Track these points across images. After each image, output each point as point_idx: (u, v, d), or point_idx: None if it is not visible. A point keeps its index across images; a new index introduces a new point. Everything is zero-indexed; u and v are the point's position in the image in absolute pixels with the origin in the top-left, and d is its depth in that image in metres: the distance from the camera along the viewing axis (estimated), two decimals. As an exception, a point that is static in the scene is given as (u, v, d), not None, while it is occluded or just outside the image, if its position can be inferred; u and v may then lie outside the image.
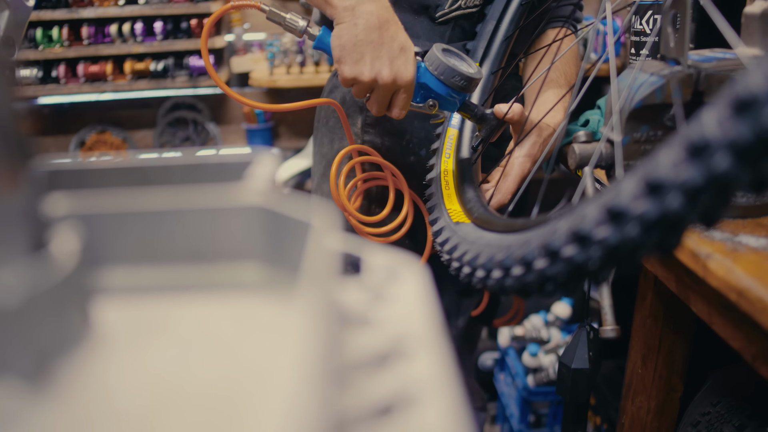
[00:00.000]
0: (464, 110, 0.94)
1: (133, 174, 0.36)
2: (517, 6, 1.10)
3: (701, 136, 0.38)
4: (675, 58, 0.77)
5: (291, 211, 0.28)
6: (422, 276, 0.30)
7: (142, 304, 0.28)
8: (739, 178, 0.38)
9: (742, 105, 0.36)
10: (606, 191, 0.48)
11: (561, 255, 0.50)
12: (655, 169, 0.41)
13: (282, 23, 0.90)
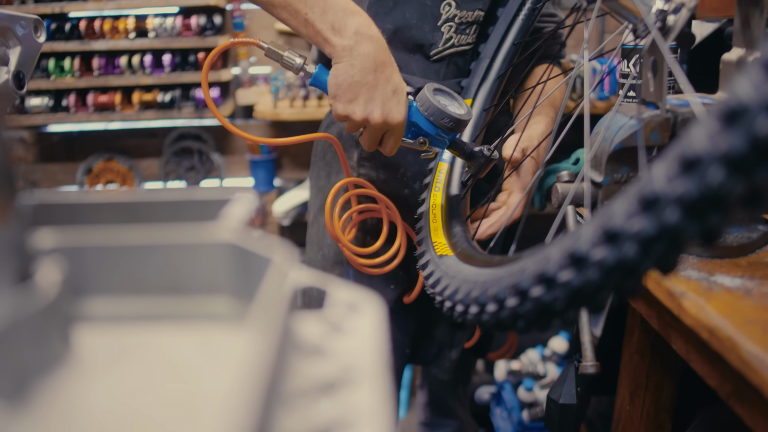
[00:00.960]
0: (454, 148, 0.97)
1: (119, 208, 0.39)
2: (510, 45, 1.14)
3: (652, 191, 0.41)
4: (654, 102, 0.80)
5: (259, 248, 0.31)
6: (379, 311, 0.32)
7: (119, 332, 0.31)
8: (688, 230, 0.41)
9: (687, 163, 0.39)
10: (569, 235, 0.50)
11: (529, 295, 0.52)
12: (612, 218, 0.44)
13: (279, 60, 0.94)
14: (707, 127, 0.38)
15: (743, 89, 0.37)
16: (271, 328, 0.24)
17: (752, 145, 0.36)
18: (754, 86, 0.36)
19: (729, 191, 0.38)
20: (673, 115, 0.76)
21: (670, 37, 0.74)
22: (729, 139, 0.37)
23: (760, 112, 0.36)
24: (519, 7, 1.13)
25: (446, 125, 0.90)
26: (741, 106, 0.37)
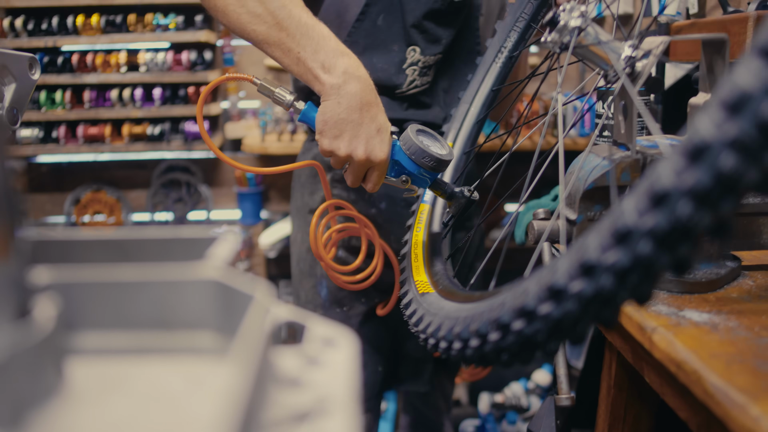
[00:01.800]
0: (435, 187, 1.00)
1: (109, 245, 0.41)
2: (487, 91, 1.19)
3: (624, 225, 0.44)
4: (624, 143, 0.84)
5: (242, 286, 0.33)
6: (354, 346, 0.35)
7: (109, 364, 0.33)
8: (660, 261, 0.43)
9: (657, 198, 0.42)
10: (546, 269, 0.53)
11: (511, 328, 0.54)
12: (588, 251, 0.46)
13: (271, 96, 0.97)
14: (674, 163, 0.41)
15: (705, 127, 0.40)
16: (251, 361, 0.26)
17: (716, 179, 0.39)
18: (714, 125, 0.39)
19: (697, 223, 0.41)
20: (643, 156, 0.80)
21: (639, 83, 0.78)
22: (694, 174, 0.40)
23: (722, 149, 0.39)
24: (496, 55, 1.18)
25: (428, 164, 0.93)
26: (704, 144, 0.40)
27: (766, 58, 0.39)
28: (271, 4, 0.92)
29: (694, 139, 0.40)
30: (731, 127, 0.39)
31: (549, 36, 0.79)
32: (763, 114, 0.38)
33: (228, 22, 0.96)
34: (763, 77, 0.38)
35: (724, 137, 0.39)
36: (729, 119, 0.39)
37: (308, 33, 0.93)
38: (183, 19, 2.41)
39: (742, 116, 0.39)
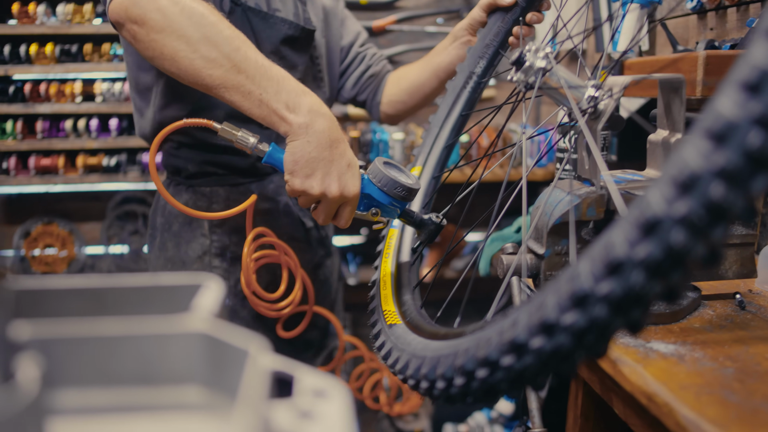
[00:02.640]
0: (404, 217, 1.00)
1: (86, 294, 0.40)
2: (457, 116, 1.20)
3: (581, 289, 0.45)
4: (589, 179, 0.86)
5: (231, 338, 0.32)
6: (346, 396, 0.34)
7: (92, 424, 0.32)
8: (614, 324, 0.45)
9: (612, 266, 0.43)
10: (506, 320, 0.54)
11: (475, 376, 0.56)
12: (547, 311, 0.48)
13: (233, 140, 0.96)
14: (628, 234, 0.43)
15: (656, 202, 0.42)
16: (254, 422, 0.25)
17: (666, 252, 0.41)
18: (665, 200, 0.41)
19: (649, 291, 0.43)
20: (607, 192, 0.82)
21: (602, 121, 0.80)
22: (647, 247, 0.42)
23: (673, 225, 0.41)
24: (465, 81, 1.20)
25: (399, 194, 0.94)
26: (656, 219, 0.41)
27: (714, 139, 0.40)
28: (225, 47, 0.90)
29: (646, 213, 0.42)
30: (681, 205, 0.41)
31: (515, 75, 0.82)
32: (711, 195, 0.40)
33: (178, 69, 0.92)
34: (709, 159, 0.40)
35: (676, 213, 0.41)
36: (679, 196, 0.41)
37: (267, 74, 0.92)
38: (141, 50, 2.38)
39: (691, 195, 0.41)
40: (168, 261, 1.30)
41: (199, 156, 1.28)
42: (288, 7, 1.32)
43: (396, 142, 2.36)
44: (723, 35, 1.30)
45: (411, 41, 2.66)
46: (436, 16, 2.67)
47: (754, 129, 0.39)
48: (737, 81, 0.40)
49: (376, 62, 1.55)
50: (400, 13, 2.63)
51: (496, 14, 1.20)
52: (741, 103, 0.39)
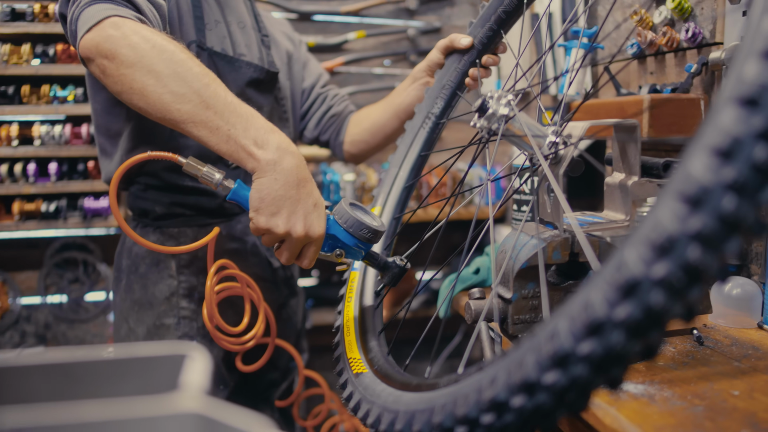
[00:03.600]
0: (368, 259, 0.99)
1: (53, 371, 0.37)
2: (416, 156, 1.21)
3: (563, 348, 0.45)
4: (551, 222, 0.87)
5: (232, 419, 0.30)
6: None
7: None
8: (595, 382, 0.45)
9: (593, 327, 0.44)
10: (484, 376, 0.54)
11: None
12: (528, 370, 0.47)
13: (198, 175, 0.94)
14: (607, 295, 0.44)
15: (634, 263, 0.43)
16: None
17: (646, 313, 0.42)
18: (643, 261, 0.42)
19: (629, 351, 0.44)
20: (571, 235, 0.84)
21: (563, 166, 0.82)
22: (627, 309, 0.42)
23: (652, 286, 0.42)
24: (423, 121, 1.22)
25: (365, 236, 0.93)
26: (635, 280, 0.42)
27: (690, 203, 0.42)
28: (194, 83, 0.91)
29: (625, 273, 0.43)
30: (660, 267, 0.42)
31: (478, 122, 0.83)
32: (688, 257, 0.41)
33: (147, 103, 0.93)
34: (686, 223, 0.41)
35: (653, 275, 0.42)
36: (657, 258, 0.42)
37: (236, 111, 0.92)
38: (82, 92, 2.31)
39: (669, 257, 0.42)
40: (135, 303, 1.29)
41: (166, 197, 1.28)
42: (253, 51, 1.35)
43: (347, 183, 2.36)
44: (663, 79, 1.36)
45: (359, 83, 2.68)
46: (383, 58, 2.71)
47: (727, 194, 0.40)
48: (708, 146, 0.41)
49: (337, 102, 1.58)
50: (348, 55, 2.66)
51: (453, 56, 1.23)
52: (714, 168, 0.41)
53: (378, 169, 2.56)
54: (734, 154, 0.40)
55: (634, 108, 1.24)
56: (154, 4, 1.06)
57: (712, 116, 0.43)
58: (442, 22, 2.76)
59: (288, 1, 2.59)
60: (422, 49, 2.73)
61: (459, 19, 2.80)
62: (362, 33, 2.64)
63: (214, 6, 1.31)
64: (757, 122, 0.40)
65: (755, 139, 0.40)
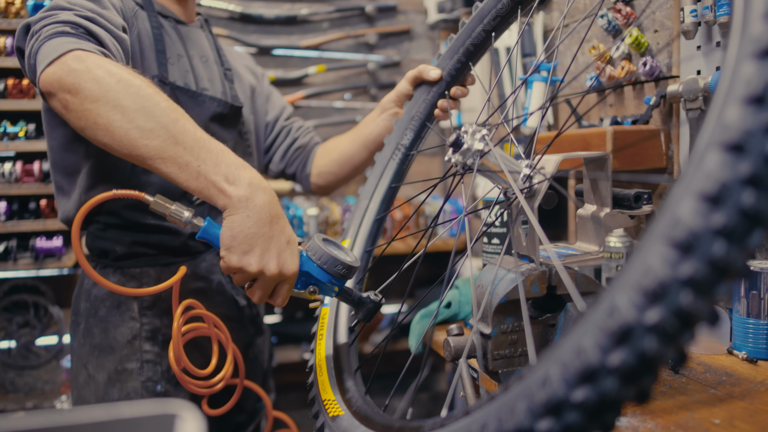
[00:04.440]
0: (342, 295, 0.97)
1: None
2: (386, 188, 1.20)
3: (555, 395, 0.45)
4: (527, 255, 0.87)
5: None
6: None
7: None
8: (588, 427, 0.45)
9: (586, 375, 0.43)
10: (472, 421, 0.53)
11: None
12: (520, 418, 0.46)
13: (167, 213, 0.91)
14: (600, 341, 0.43)
15: (627, 309, 0.42)
16: None
17: (640, 360, 0.42)
18: (636, 308, 0.42)
19: (622, 396, 0.43)
20: (548, 268, 0.84)
21: (538, 199, 0.82)
22: (621, 355, 0.42)
23: (645, 333, 0.41)
24: (393, 152, 1.21)
25: (339, 272, 0.91)
26: (628, 326, 0.42)
27: (680, 248, 0.42)
28: (163, 118, 0.88)
29: (618, 320, 0.43)
30: (653, 313, 0.42)
31: (453, 157, 0.82)
32: (681, 303, 0.41)
33: (112, 139, 0.90)
34: (677, 269, 0.41)
35: (647, 321, 0.42)
36: (649, 304, 0.42)
37: (206, 146, 0.90)
38: (34, 128, 2.24)
39: (662, 303, 0.42)
40: (94, 348, 1.23)
41: (128, 237, 1.24)
42: (216, 86, 1.34)
43: (310, 217, 2.33)
44: (622, 111, 1.40)
45: (319, 116, 2.69)
46: (344, 91, 2.73)
47: (717, 240, 0.40)
48: (696, 191, 0.42)
49: (303, 134, 1.57)
50: (308, 89, 2.66)
51: (421, 87, 1.23)
52: (703, 214, 0.41)
53: (341, 203, 2.54)
54: (723, 199, 0.40)
55: (597, 140, 1.27)
56: (117, 38, 1.04)
57: (696, 159, 0.43)
58: (401, 56, 2.80)
59: (248, 35, 2.59)
60: (382, 82, 2.75)
61: (418, 53, 2.85)
62: (322, 67, 2.65)
63: (177, 40, 1.29)
64: (744, 168, 0.40)
65: (743, 185, 0.40)
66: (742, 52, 0.42)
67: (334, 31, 2.71)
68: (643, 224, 0.93)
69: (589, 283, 0.86)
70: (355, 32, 2.70)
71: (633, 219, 0.92)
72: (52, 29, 0.95)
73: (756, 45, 0.41)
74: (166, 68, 1.22)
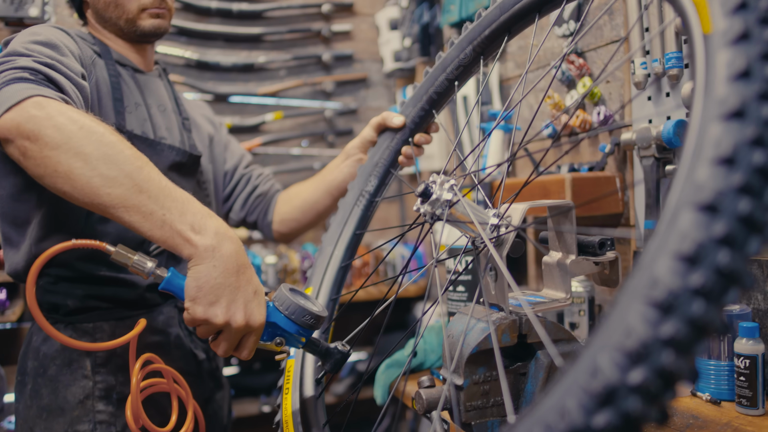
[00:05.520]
0: (309, 346, 0.95)
1: None
2: (351, 235, 1.19)
3: None
4: (497, 304, 0.87)
5: None
6: None
7: None
8: None
9: None
10: None
11: None
12: None
13: (128, 264, 0.88)
14: (584, 402, 0.43)
15: (610, 370, 0.43)
16: None
17: (624, 420, 0.42)
18: (619, 368, 0.42)
19: None
20: (518, 317, 0.84)
21: (506, 248, 0.83)
22: (605, 417, 0.42)
23: (629, 393, 0.42)
24: (357, 199, 1.21)
25: (307, 322, 0.89)
26: (612, 387, 0.42)
27: (660, 309, 0.43)
28: (126, 166, 0.86)
29: (601, 380, 0.43)
30: (636, 374, 0.42)
31: (422, 207, 0.83)
32: (663, 363, 0.41)
33: (73, 187, 0.86)
34: (658, 328, 0.42)
35: (630, 382, 0.42)
36: (632, 365, 0.43)
37: (171, 195, 0.88)
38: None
39: (645, 363, 0.42)
40: (42, 410, 1.16)
41: (80, 289, 1.19)
42: (174, 135, 1.33)
43: (269, 266, 2.30)
44: (578, 158, 1.44)
45: (277, 163, 2.68)
46: (301, 138, 2.73)
47: (696, 300, 0.41)
48: (673, 251, 0.42)
49: (263, 182, 1.56)
50: (266, 136, 2.65)
51: (385, 134, 1.24)
52: (681, 274, 0.42)
53: (300, 250, 2.52)
54: (700, 259, 0.41)
55: (556, 186, 1.30)
56: (77, 85, 1.02)
57: (669, 218, 0.44)
58: (358, 103, 2.83)
59: (204, 82, 2.58)
60: (339, 129, 2.77)
61: (374, 100, 2.89)
62: (279, 114, 2.66)
63: (134, 88, 1.28)
64: (719, 229, 0.41)
65: (718, 245, 0.41)
66: (709, 113, 0.44)
67: (291, 78, 2.73)
68: (606, 270, 0.95)
69: (558, 331, 0.87)
70: (312, 80, 2.73)
71: (597, 265, 0.93)
72: (10, 75, 0.93)
73: (723, 107, 0.43)
74: (123, 117, 1.20)
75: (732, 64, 0.44)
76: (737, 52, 0.45)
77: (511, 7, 0.96)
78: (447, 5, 2.12)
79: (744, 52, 0.45)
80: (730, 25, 0.47)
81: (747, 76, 0.43)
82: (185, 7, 2.55)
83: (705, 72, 0.46)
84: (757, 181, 0.41)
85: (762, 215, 0.41)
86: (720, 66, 0.45)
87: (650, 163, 1.23)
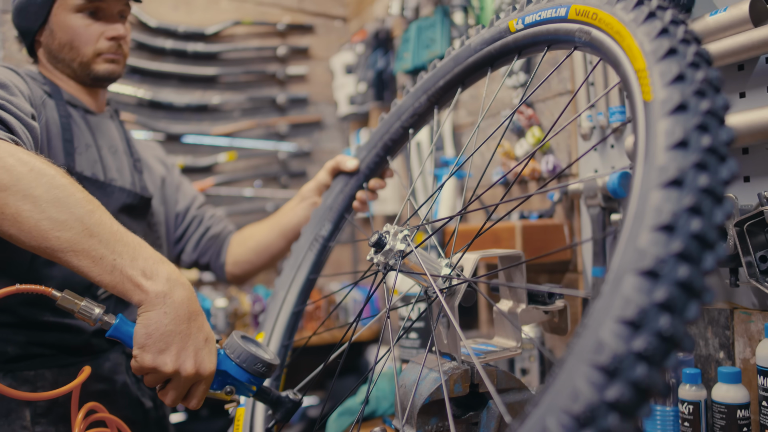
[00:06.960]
0: (260, 395, 0.93)
1: None
2: (304, 279, 1.18)
3: None
4: (449, 353, 0.88)
5: None
6: None
7: None
8: None
9: None
10: None
11: None
12: None
13: (74, 310, 0.84)
14: None
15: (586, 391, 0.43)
16: None
17: None
18: (566, 430, 0.43)
19: None
20: (470, 367, 0.84)
21: (458, 297, 0.84)
22: None
23: None
24: (311, 243, 1.20)
25: (258, 371, 0.88)
26: None
27: (606, 372, 0.44)
28: (77, 209, 0.84)
29: (577, 407, 0.44)
30: None
31: (375, 257, 0.83)
32: (609, 426, 0.42)
33: (20, 230, 0.83)
34: (604, 392, 0.43)
35: None
36: (579, 429, 0.43)
37: (122, 239, 0.85)
38: None
39: (591, 427, 0.43)
40: None
41: (22, 336, 1.14)
42: (125, 177, 1.31)
43: (219, 309, 2.25)
44: (528, 206, 1.48)
45: (229, 204, 2.65)
46: (254, 179, 2.72)
47: (639, 363, 0.42)
48: (617, 316, 0.44)
49: (215, 223, 1.54)
50: (219, 176, 2.63)
51: (340, 177, 1.24)
52: (625, 338, 0.43)
53: (250, 293, 2.48)
54: (642, 324, 0.43)
55: (506, 234, 1.32)
56: (27, 125, 0.99)
57: (613, 283, 0.45)
58: (311, 145, 2.85)
59: (157, 121, 2.55)
60: (293, 171, 2.77)
61: (328, 143, 2.91)
62: (233, 155, 2.65)
63: (85, 130, 1.26)
64: (660, 294, 0.42)
65: (659, 310, 0.43)
66: (650, 181, 0.46)
67: (245, 119, 2.73)
68: (555, 318, 0.97)
69: (509, 380, 0.87)
70: (266, 121, 2.73)
71: (547, 314, 0.95)
72: None
73: (663, 175, 0.45)
74: (73, 158, 1.18)
75: (671, 134, 0.47)
76: (676, 122, 0.47)
77: (465, 59, 0.99)
78: (401, 53, 2.17)
79: (682, 122, 0.47)
80: (669, 96, 0.50)
81: (685, 146, 0.46)
82: (139, 46, 2.54)
83: (645, 139, 0.49)
84: (695, 248, 0.43)
85: (700, 281, 0.42)
86: (660, 134, 0.47)
87: (596, 212, 1.27)
